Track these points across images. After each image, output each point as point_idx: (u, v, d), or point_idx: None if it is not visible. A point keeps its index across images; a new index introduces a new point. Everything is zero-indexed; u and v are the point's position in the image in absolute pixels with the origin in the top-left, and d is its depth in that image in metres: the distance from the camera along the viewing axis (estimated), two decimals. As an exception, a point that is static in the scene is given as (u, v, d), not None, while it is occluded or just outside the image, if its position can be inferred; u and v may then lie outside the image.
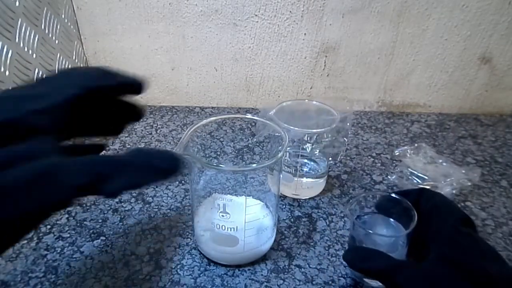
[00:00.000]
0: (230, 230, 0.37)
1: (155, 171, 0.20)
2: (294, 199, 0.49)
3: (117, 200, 0.48)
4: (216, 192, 0.39)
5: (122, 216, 0.45)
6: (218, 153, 0.58)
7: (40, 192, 0.17)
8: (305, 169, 0.49)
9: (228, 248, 0.37)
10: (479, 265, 0.29)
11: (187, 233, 0.43)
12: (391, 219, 0.38)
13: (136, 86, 0.25)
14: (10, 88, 0.22)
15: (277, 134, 0.39)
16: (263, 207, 0.40)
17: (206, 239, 0.39)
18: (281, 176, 0.40)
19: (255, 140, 0.60)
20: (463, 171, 0.51)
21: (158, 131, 0.65)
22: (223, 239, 0.37)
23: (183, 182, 0.51)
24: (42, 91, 0.21)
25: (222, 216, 0.36)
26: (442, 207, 0.35)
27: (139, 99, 0.28)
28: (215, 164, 0.37)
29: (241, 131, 0.63)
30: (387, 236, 0.36)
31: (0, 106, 0.19)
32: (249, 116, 0.41)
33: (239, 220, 0.36)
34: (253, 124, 0.63)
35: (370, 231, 0.35)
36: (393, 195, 0.37)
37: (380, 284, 0.34)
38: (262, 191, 0.40)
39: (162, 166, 0.21)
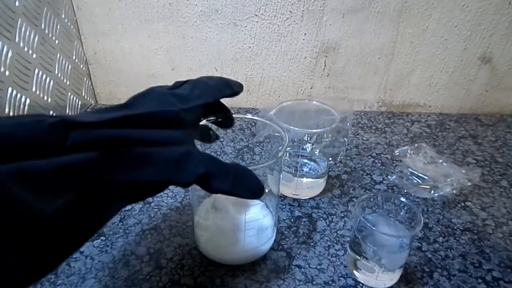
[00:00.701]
0: (230, 230, 0.36)
1: (245, 188, 0.26)
2: (294, 199, 0.49)
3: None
4: None
5: (122, 216, 0.45)
6: (218, 153, 0.58)
7: (175, 170, 0.22)
8: (305, 169, 0.49)
9: (228, 249, 0.37)
10: None
11: (187, 233, 0.43)
12: (396, 221, 0.38)
13: (239, 92, 0.32)
14: (162, 85, 0.28)
15: (277, 134, 0.39)
16: (263, 207, 0.40)
17: (206, 239, 0.38)
18: (281, 176, 0.40)
19: (255, 140, 0.60)
20: (463, 171, 0.51)
21: (158, 131, 0.65)
22: (223, 240, 0.37)
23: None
24: (189, 94, 0.27)
25: (222, 216, 0.36)
26: None
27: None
28: None
29: (241, 131, 0.63)
30: (393, 236, 0.36)
31: (165, 99, 0.25)
32: (249, 116, 0.40)
33: (239, 220, 0.36)
34: (253, 124, 0.63)
35: (374, 228, 0.34)
36: (402, 199, 0.37)
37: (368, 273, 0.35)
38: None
39: (251, 188, 0.26)
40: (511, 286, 0.38)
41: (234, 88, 0.31)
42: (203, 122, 0.34)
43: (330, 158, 0.56)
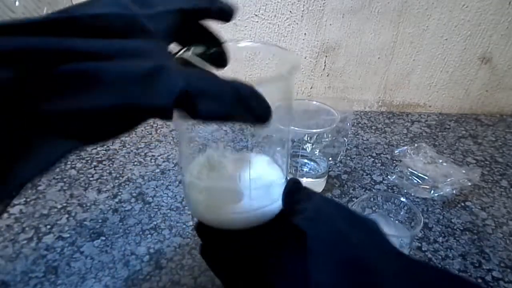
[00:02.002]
0: (231, 191, 0.29)
1: (249, 110, 0.19)
2: (294, 199, 0.49)
3: (117, 200, 0.48)
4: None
5: (122, 216, 0.45)
6: (221, 140, 0.58)
7: (141, 90, 0.16)
8: (305, 169, 0.49)
9: (231, 207, 0.29)
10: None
11: (187, 233, 0.43)
12: (396, 221, 0.38)
13: (230, 13, 0.24)
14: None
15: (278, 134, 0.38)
16: (270, 162, 0.33)
17: (202, 200, 0.30)
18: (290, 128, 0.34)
19: (254, 140, 0.60)
20: (463, 171, 0.51)
21: (158, 131, 0.65)
22: (223, 196, 0.30)
23: (183, 182, 0.51)
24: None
25: (219, 175, 0.30)
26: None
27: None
28: None
29: (241, 132, 0.63)
30: (393, 235, 0.36)
31: (119, 2, 0.18)
32: (248, 43, 0.35)
33: (242, 178, 0.30)
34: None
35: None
36: (402, 199, 0.37)
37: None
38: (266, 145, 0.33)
39: (257, 110, 0.19)
40: (511, 286, 0.38)
41: (216, 3, 0.23)
42: (188, 54, 0.26)
43: (330, 158, 0.56)
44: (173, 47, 0.24)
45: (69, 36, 0.15)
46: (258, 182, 0.29)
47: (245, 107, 0.19)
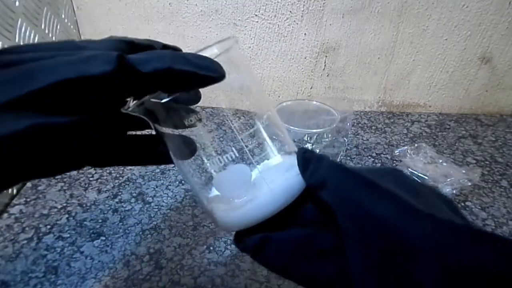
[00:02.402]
0: (235, 158, 0.26)
1: (193, 62, 0.19)
2: (294, 199, 0.49)
3: (117, 200, 0.48)
4: None
5: (122, 216, 0.45)
6: (218, 152, 0.58)
7: (79, 65, 0.17)
8: (305, 169, 0.49)
9: (247, 192, 0.26)
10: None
11: (187, 233, 0.43)
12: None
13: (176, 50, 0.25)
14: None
15: (278, 133, 0.38)
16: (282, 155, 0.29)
17: (223, 206, 0.27)
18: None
19: (254, 141, 0.60)
20: (463, 171, 0.51)
21: (158, 131, 0.65)
22: (231, 182, 0.27)
23: (183, 182, 0.51)
24: (91, 39, 0.22)
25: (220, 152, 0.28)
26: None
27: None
28: None
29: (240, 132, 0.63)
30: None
31: (57, 42, 0.20)
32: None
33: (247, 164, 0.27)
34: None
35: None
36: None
37: None
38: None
39: (201, 63, 0.20)
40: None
41: (160, 42, 0.25)
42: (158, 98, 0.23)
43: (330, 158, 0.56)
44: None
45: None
46: (265, 166, 0.27)
47: (189, 62, 0.19)
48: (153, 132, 0.26)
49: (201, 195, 0.28)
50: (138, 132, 0.28)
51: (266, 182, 0.26)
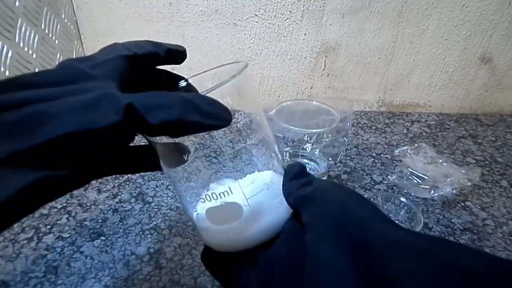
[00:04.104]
0: (223, 195, 0.27)
1: (203, 113, 0.19)
2: (294, 199, 0.49)
3: (117, 200, 0.48)
4: None
5: (122, 216, 0.45)
6: (218, 152, 0.58)
7: (86, 116, 0.16)
8: (305, 169, 0.49)
9: (236, 225, 0.27)
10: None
11: (187, 233, 0.43)
12: (396, 221, 0.38)
13: (179, 54, 0.25)
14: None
15: (278, 134, 0.38)
16: (271, 173, 0.30)
17: (210, 228, 0.28)
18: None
19: (253, 141, 0.60)
20: (463, 171, 0.51)
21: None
22: (222, 215, 0.27)
23: (183, 182, 0.51)
24: (97, 55, 0.22)
25: (208, 189, 0.28)
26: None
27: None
28: None
29: (239, 133, 0.63)
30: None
31: (67, 63, 0.20)
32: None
33: (232, 184, 0.28)
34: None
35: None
36: (402, 199, 0.37)
37: None
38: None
39: (212, 112, 0.19)
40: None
41: (164, 45, 0.25)
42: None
43: (330, 158, 0.56)
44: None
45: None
46: (251, 189, 0.27)
47: (198, 111, 0.19)
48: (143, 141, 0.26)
49: (189, 209, 0.29)
50: None
51: (252, 211, 0.27)
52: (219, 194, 0.27)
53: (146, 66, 0.25)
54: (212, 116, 0.19)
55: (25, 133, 0.16)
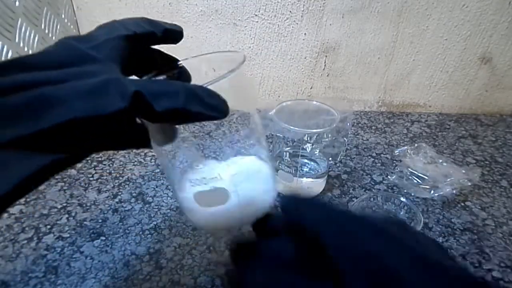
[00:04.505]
0: (212, 180, 0.28)
1: (204, 104, 0.20)
2: (294, 199, 0.49)
3: (117, 200, 0.48)
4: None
5: (122, 216, 0.45)
6: (218, 152, 0.58)
7: (94, 101, 0.17)
8: (305, 169, 0.49)
9: (222, 207, 0.29)
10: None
11: (187, 233, 0.43)
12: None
13: (177, 33, 0.25)
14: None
15: (278, 134, 0.38)
16: (256, 158, 0.32)
17: (197, 209, 0.30)
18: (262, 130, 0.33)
19: (243, 130, 0.60)
20: (463, 171, 0.51)
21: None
22: (211, 198, 0.29)
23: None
24: (95, 33, 0.22)
25: (198, 167, 0.30)
26: None
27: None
28: None
29: (237, 133, 0.63)
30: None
31: (66, 43, 0.20)
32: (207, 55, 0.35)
33: (221, 169, 0.29)
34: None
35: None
36: (402, 199, 0.37)
37: None
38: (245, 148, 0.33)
39: (212, 103, 0.20)
40: (511, 286, 0.38)
41: (161, 24, 0.24)
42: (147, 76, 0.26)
43: (330, 158, 0.56)
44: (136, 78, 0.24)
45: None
46: (240, 176, 0.29)
47: (200, 102, 0.19)
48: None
49: (177, 190, 0.30)
50: None
51: (238, 195, 0.28)
52: (210, 179, 0.28)
53: (143, 46, 0.25)
54: (213, 108, 0.20)
55: (32, 117, 0.16)
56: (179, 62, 0.28)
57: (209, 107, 0.20)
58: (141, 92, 0.17)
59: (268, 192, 0.30)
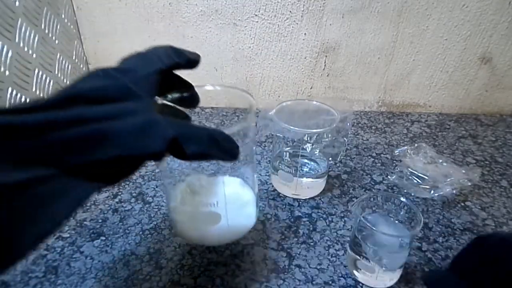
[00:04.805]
0: (211, 206, 0.34)
1: (221, 149, 0.24)
2: (294, 199, 0.49)
3: (117, 200, 0.48)
4: (190, 175, 0.39)
5: (122, 216, 0.45)
6: (211, 167, 0.58)
7: (139, 141, 0.20)
8: (305, 169, 0.49)
9: (212, 227, 0.35)
10: None
11: (187, 233, 0.43)
12: (396, 221, 0.38)
13: (196, 63, 0.29)
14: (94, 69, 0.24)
15: (278, 134, 0.39)
16: (242, 182, 0.39)
17: (186, 221, 0.36)
18: (254, 148, 0.39)
19: (256, 140, 0.60)
20: (463, 171, 0.51)
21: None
22: (204, 218, 0.35)
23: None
24: (135, 65, 0.24)
25: (200, 198, 0.35)
26: None
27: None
28: None
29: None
30: (393, 235, 0.36)
31: (108, 75, 0.22)
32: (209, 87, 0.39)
33: (219, 195, 0.35)
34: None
35: (374, 228, 0.34)
36: (402, 199, 0.37)
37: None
38: (235, 168, 0.40)
39: (227, 148, 0.25)
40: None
41: (186, 55, 0.28)
42: (161, 101, 0.31)
43: (330, 158, 0.56)
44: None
45: (78, 106, 0.20)
46: (233, 206, 0.35)
47: (219, 147, 0.24)
48: None
49: (170, 200, 0.37)
50: None
51: (228, 220, 0.35)
52: (209, 204, 0.34)
53: (169, 73, 0.29)
54: (226, 152, 0.25)
55: (90, 149, 0.19)
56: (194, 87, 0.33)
57: (224, 151, 0.24)
58: (177, 137, 0.21)
59: (250, 217, 0.38)
